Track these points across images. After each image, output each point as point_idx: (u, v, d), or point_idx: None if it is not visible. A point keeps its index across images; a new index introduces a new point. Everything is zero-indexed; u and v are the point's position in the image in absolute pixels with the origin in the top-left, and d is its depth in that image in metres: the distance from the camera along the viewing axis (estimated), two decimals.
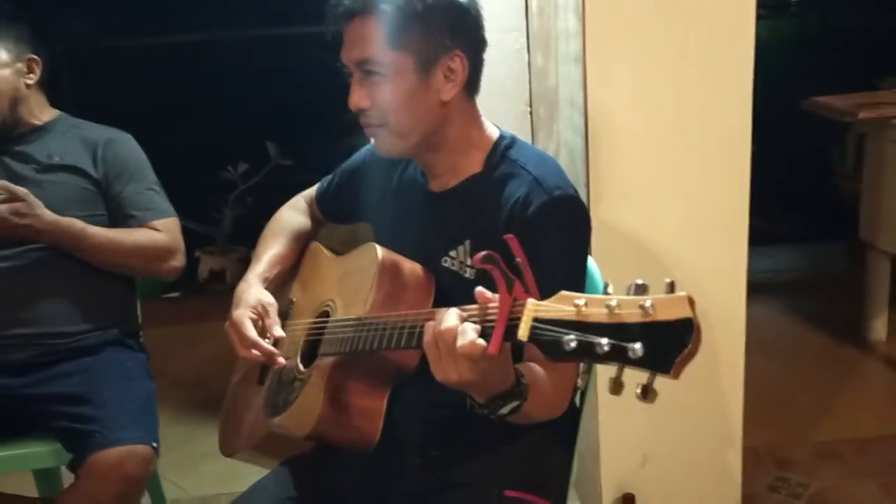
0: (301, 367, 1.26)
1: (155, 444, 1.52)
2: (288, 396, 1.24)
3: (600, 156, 1.57)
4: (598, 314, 0.74)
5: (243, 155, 3.95)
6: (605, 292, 0.75)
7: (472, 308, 0.90)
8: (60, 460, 1.58)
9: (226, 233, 3.89)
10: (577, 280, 1.16)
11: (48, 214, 1.58)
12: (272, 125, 4.13)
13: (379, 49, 1.13)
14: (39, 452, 1.59)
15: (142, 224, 1.71)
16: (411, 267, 1.21)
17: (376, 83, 1.15)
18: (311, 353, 1.25)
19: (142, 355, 1.77)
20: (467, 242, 1.20)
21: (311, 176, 1.56)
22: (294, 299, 1.43)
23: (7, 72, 1.66)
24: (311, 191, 1.54)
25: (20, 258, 1.63)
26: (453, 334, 0.87)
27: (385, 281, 1.18)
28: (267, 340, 1.26)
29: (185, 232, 1.83)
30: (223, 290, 3.77)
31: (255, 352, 1.25)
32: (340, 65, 1.18)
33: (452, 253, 1.21)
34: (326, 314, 1.28)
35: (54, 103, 1.81)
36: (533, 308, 0.80)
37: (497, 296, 0.85)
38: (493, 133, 1.25)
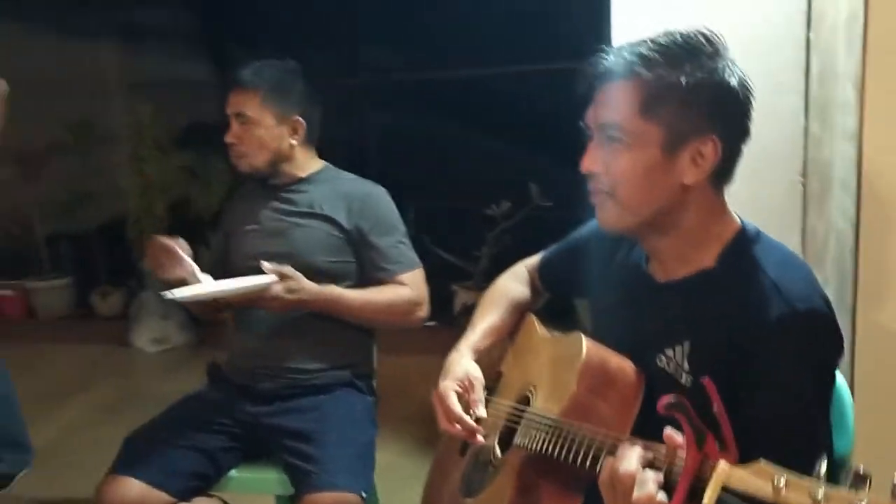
0: (497, 451, 1.22)
1: (364, 494, 1.56)
2: (482, 479, 1.21)
3: (872, 248, 1.33)
4: (797, 502, 0.60)
5: (507, 193, 4.03)
6: (856, 478, 0.59)
7: (659, 448, 0.79)
8: (288, 491, 1.69)
9: (483, 269, 3.98)
10: (813, 416, 0.98)
11: (312, 287, 1.71)
12: (536, 164, 4.17)
13: (627, 116, 1.06)
14: (271, 480, 1.72)
15: (391, 277, 1.80)
16: (619, 364, 1.12)
17: (615, 150, 1.07)
18: (508, 437, 1.21)
19: (371, 399, 1.85)
20: (686, 344, 1.08)
21: (569, 214, 1.47)
22: (503, 372, 1.39)
23: (272, 133, 1.80)
24: (534, 259, 1.50)
25: None
26: (632, 480, 0.77)
27: (587, 379, 1.09)
28: (470, 416, 1.24)
29: (444, 265, 1.89)
30: None
31: (457, 426, 1.23)
32: (583, 124, 1.13)
33: (669, 352, 1.10)
34: (528, 399, 1.22)
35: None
36: (725, 473, 0.68)
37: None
38: (735, 225, 1.11)
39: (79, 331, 4.34)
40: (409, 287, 1.80)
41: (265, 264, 1.68)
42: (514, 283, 1.48)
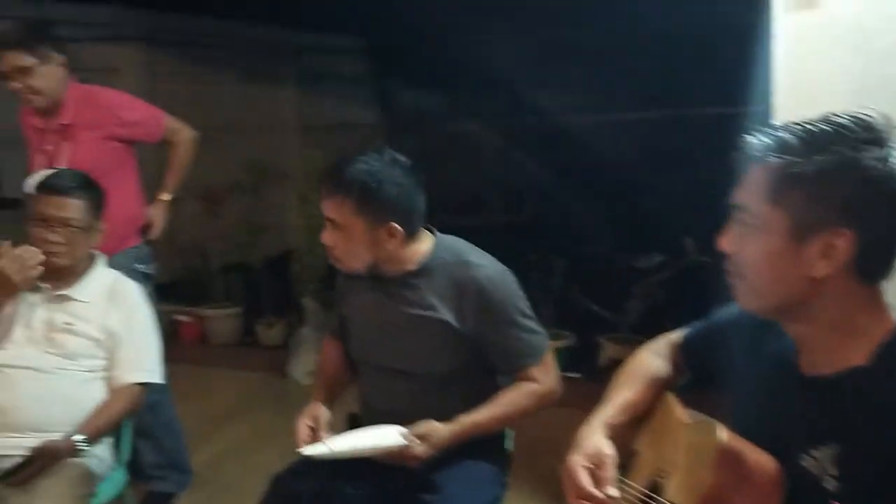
0: None
1: None
2: None
3: None
4: None
5: (659, 245, 3.93)
6: None
7: None
8: None
9: (631, 322, 3.89)
10: None
11: (446, 431, 1.65)
12: (692, 218, 4.02)
13: (757, 200, 1.05)
14: None
15: (520, 370, 1.74)
16: (758, 460, 1.06)
17: (746, 232, 1.07)
18: None
19: (501, 459, 1.84)
20: (834, 446, 1.01)
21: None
22: (638, 451, 1.35)
23: (366, 239, 1.66)
24: (678, 335, 1.45)
25: None
26: None
27: (723, 474, 1.04)
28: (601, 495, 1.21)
29: (591, 315, 1.82)
30: None
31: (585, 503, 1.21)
32: (731, 203, 1.11)
33: (815, 452, 1.03)
34: (660, 485, 1.18)
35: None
36: None
37: None
38: (891, 322, 1.03)
39: (243, 358, 4.65)
40: (538, 379, 1.73)
41: (402, 430, 1.64)
42: (654, 358, 1.44)
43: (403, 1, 6.05)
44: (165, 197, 2.78)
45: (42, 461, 1.81)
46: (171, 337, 4.69)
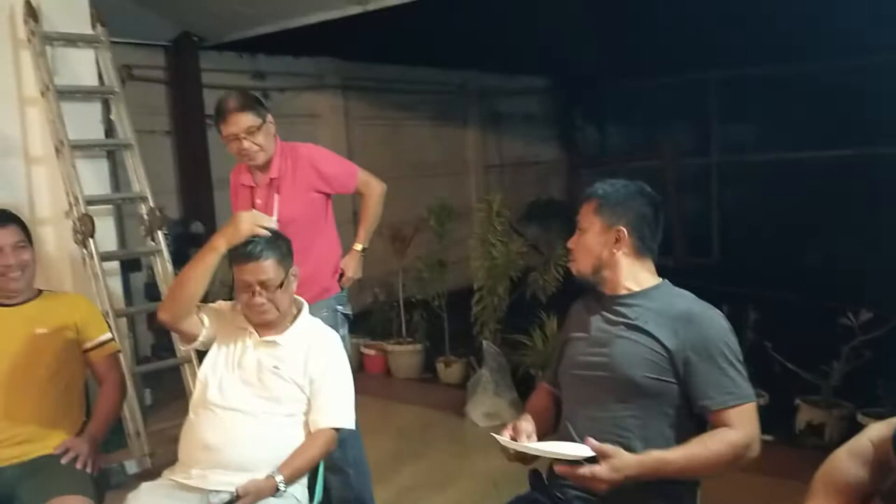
0: None
1: None
2: None
3: None
4: None
5: (868, 302, 3.59)
6: None
7: None
8: None
9: (833, 385, 3.58)
10: None
11: (632, 461, 1.65)
12: None
13: None
14: None
15: (715, 409, 1.71)
16: None
17: None
18: None
19: None
20: None
21: None
22: None
23: (597, 240, 1.89)
24: (884, 429, 1.32)
25: None
26: None
27: None
28: None
29: (788, 374, 1.73)
30: (820, 445, 3.47)
31: None
32: None
33: None
34: None
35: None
36: None
37: None
38: None
39: (425, 393, 4.79)
40: (736, 426, 1.68)
41: (590, 441, 1.66)
42: (851, 463, 1.31)
43: (587, 42, 6.05)
44: (359, 247, 2.94)
45: (248, 499, 1.96)
46: (358, 368, 4.94)
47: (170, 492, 2.06)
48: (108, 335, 2.58)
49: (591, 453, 1.64)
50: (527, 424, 1.87)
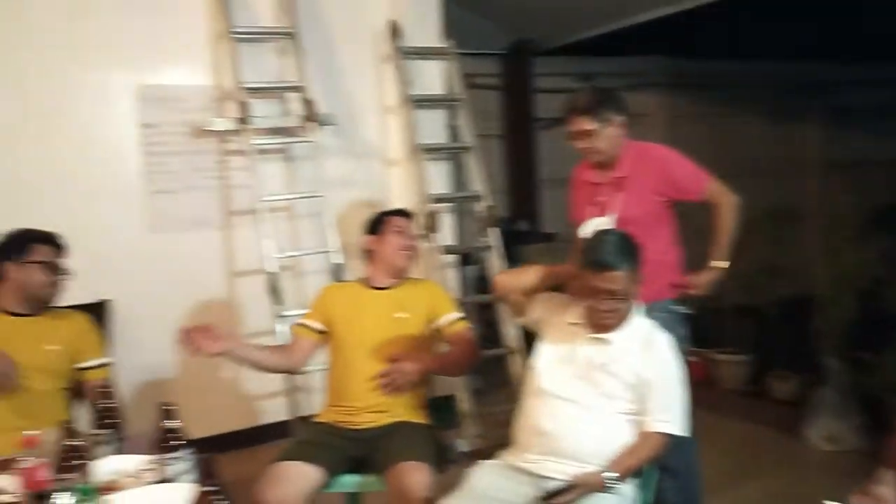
0: None
1: None
2: None
3: None
4: None
5: None
6: None
7: None
8: None
9: None
10: None
11: None
12: None
13: None
14: None
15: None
16: None
17: None
18: None
19: None
20: None
21: None
22: None
23: None
24: None
25: None
26: None
27: None
28: None
29: None
30: None
31: None
32: None
33: None
34: None
35: None
36: None
37: None
38: None
39: (750, 408, 4.47)
40: None
41: None
42: None
43: None
44: (717, 264, 2.79)
45: (578, 490, 2.00)
46: None
47: (507, 472, 2.18)
48: (459, 314, 2.75)
49: None
50: (887, 491, 1.63)
